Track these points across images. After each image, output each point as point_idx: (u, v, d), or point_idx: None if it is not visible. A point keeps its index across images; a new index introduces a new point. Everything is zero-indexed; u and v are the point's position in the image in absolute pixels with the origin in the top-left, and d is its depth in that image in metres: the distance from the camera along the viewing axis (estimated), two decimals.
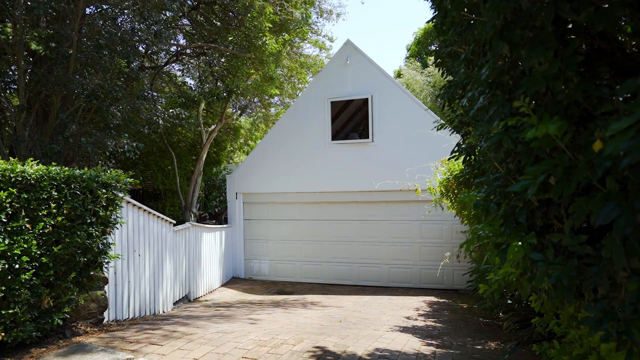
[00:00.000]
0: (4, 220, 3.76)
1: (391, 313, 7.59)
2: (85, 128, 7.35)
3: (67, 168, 4.34)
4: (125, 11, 8.94)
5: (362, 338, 5.06)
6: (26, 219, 3.91)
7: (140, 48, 9.49)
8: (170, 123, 10.93)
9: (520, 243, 1.61)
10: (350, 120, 14.77)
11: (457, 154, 2.91)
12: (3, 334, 3.74)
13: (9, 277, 3.71)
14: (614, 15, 1.26)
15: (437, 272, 10.43)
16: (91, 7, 8.28)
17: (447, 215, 9.72)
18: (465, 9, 1.83)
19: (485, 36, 1.56)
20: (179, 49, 12.88)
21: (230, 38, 12.16)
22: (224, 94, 11.80)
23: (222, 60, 12.83)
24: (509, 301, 5.69)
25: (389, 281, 11.04)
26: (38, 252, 3.93)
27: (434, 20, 2.67)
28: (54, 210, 4.08)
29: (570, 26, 1.60)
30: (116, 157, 8.76)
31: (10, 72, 7.60)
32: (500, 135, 1.58)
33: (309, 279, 11.73)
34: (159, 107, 10.29)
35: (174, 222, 8.39)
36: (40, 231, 3.99)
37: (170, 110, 10.82)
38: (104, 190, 4.56)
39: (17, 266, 3.73)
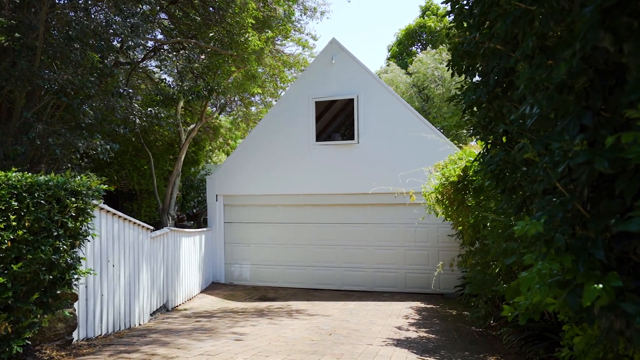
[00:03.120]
0: None
1: (381, 323, 7.29)
2: (53, 127, 6.76)
3: (29, 174, 3.83)
4: (99, 3, 8.35)
5: (358, 357, 4.72)
6: None
7: (115, 42, 8.91)
8: (149, 122, 10.34)
9: (601, 286, 1.29)
10: (336, 120, 14.47)
11: (477, 164, 2.59)
12: None
13: None
14: None
15: (424, 276, 10.22)
16: None
17: (433, 218, 9.48)
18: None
19: (577, 26, 1.23)
20: (157, 44, 12.27)
21: (211, 34, 11.64)
22: (205, 93, 11.27)
23: (203, 57, 12.29)
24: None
25: (374, 286, 10.78)
26: None
27: (458, 13, 2.34)
28: (13, 223, 3.58)
29: None
30: (89, 156, 8.15)
31: None
32: (588, 155, 1.26)
33: (292, 283, 11.37)
34: (136, 105, 9.69)
35: (152, 227, 7.88)
36: None
37: (149, 109, 10.23)
38: (73, 199, 4.07)
39: None
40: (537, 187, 1.70)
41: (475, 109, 2.78)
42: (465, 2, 2.96)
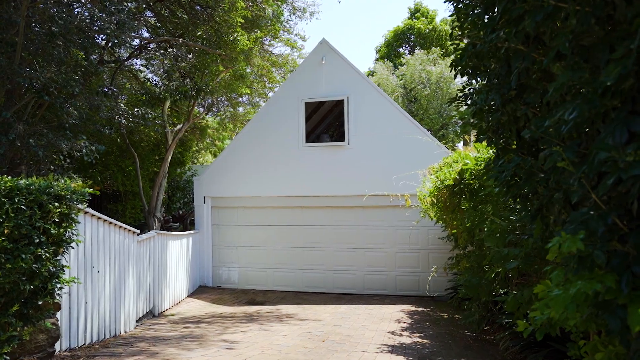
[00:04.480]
0: None
1: (374, 327, 7.18)
2: (35, 128, 6.48)
3: (9, 178, 3.61)
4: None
5: None
6: None
7: (100, 40, 8.63)
8: (134, 122, 10.06)
9: None
10: (325, 122, 14.35)
11: (492, 171, 2.47)
12: None
13: None
14: None
15: (414, 279, 10.18)
16: None
17: (424, 221, 9.42)
18: None
19: (636, 22, 1.12)
20: (143, 42, 11.98)
21: (199, 33, 11.41)
22: (192, 93, 11.03)
23: (190, 56, 12.05)
24: (506, 320, 5.39)
25: (364, 288, 10.68)
26: None
27: (465, 13, 2.23)
28: None
29: None
30: (72, 157, 7.87)
31: None
32: None
33: (281, 286, 11.20)
34: (121, 104, 9.40)
35: (138, 231, 7.64)
36: None
37: (135, 110, 9.95)
38: (56, 204, 3.85)
39: None
40: (558, 196, 1.59)
41: (485, 112, 2.67)
42: (469, 1, 2.86)
